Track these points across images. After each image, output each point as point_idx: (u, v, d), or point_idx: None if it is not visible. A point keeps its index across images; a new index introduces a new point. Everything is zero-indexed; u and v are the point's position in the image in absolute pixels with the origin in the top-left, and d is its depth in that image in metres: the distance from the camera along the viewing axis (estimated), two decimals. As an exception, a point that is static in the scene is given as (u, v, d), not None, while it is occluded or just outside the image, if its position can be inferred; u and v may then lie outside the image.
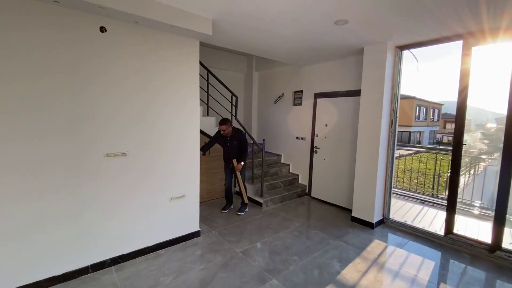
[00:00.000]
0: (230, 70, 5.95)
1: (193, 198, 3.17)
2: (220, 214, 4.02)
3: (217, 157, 4.54)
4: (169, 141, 2.89)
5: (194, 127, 3.08)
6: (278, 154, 5.64)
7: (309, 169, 4.93)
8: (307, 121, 4.93)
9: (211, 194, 4.65)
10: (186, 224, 3.16)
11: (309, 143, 4.89)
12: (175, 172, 2.98)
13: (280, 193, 4.65)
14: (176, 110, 2.91)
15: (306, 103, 4.94)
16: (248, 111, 6.23)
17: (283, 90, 5.42)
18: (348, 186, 4.23)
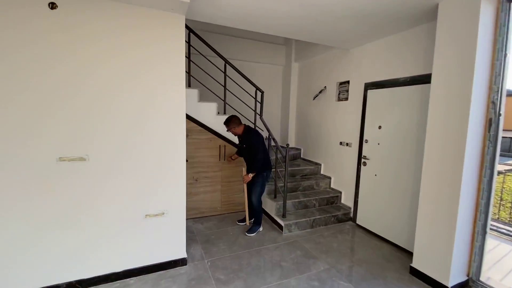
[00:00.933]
0: (268, 63, 5.15)
1: (177, 216, 2.51)
2: (227, 235, 3.25)
3: (238, 164, 3.79)
4: (145, 144, 2.29)
5: (178, 127, 2.41)
6: (317, 163, 4.51)
7: (355, 187, 3.67)
8: (353, 122, 3.69)
9: (227, 206, 3.93)
10: (167, 249, 2.51)
11: (355, 151, 3.64)
12: (152, 183, 2.36)
13: (312, 215, 3.57)
14: (153, 105, 2.29)
15: (354, 98, 3.70)
16: (285, 111, 5.28)
17: (325, 82, 4.28)
18: (410, 217, 2.85)
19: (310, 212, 3.64)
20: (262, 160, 3.09)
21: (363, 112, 3.51)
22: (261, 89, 3.98)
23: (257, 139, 3.14)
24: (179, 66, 2.35)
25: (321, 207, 3.84)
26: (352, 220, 3.75)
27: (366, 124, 3.47)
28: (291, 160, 4.76)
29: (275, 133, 5.46)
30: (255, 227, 3.28)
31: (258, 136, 3.18)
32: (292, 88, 5.08)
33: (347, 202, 3.88)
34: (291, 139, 5.20)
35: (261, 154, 3.08)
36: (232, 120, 3.13)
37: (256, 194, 3.22)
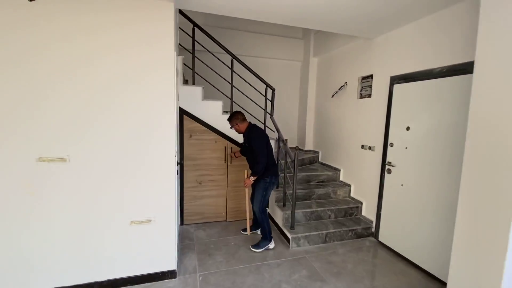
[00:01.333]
0: (285, 59, 4.80)
1: (165, 224, 2.29)
2: (228, 245, 2.96)
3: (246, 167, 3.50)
4: (128, 143, 2.11)
5: (167, 126, 2.19)
6: (335, 168, 4.04)
7: (378, 197, 3.15)
8: (377, 122, 3.18)
9: (234, 213, 3.66)
10: (155, 259, 2.30)
11: (379, 156, 3.13)
12: (137, 187, 2.17)
13: (325, 227, 3.13)
14: (137, 102, 2.10)
15: (377, 94, 3.20)
16: (303, 110, 4.86)
17: (346, 77, 3.80)
18: (444, 239, 2.30)
19: (323, 225, 3.20)
20: (265, 163, 2.73)
21: (388, 110, 2.99)
22: (271, 86, 3.65)
23: (260, 138, 2.79)
24: (166, 51, 2.12)
25: (337, 219, 3.38)
26: (374, 236, 3.23)
27: (392, 125, 2.95)
28: (307, 164, 4.35)
29: (292, 134, 5.07)
30: (263, 242, 2.89)
31: (261, 135, 2.84)
32: (310, 85, 4.65)
33: (369, 215, 3.37)
34: (309, 141, 4.77)
35: (262, 157, 2.71)
36: (235, 116, 2.82)
37: (257, 202, 2.88)
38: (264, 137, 2.85)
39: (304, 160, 4.26)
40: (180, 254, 2.76)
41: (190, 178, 3.38)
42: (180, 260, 2.64)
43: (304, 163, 4.27)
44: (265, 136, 2.88)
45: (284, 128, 4.90)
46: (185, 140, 3.29)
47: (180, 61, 3.17)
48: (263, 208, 2.92)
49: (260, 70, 4.53)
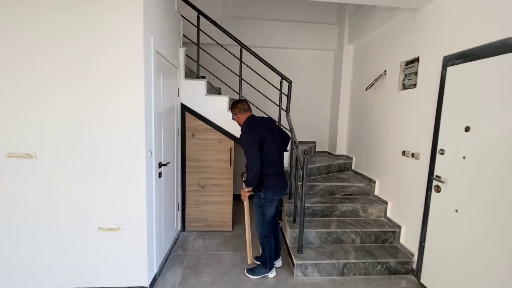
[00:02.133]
0: (314, 49, 4.18)
1: (136, 234, 2.00)
2: (222, 262, 2.55)
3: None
4: (97, 142, 1.89)
5: (137, 123, 1.90)
6: (370, 178, 3.23)
7: (422, 223, 2.31)
8: (423, 120, 2.35)
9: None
10: (126, 273, 2.04)
11: (425, 166, 2.29)
12: (105, 190, 1.94)
13: (344, 255, 2.44)
14: (104, 96, 1.86)
15: (424, 83, 2.36)
16: (335, 109, 4.12)
17: (385, 64, 2.99)
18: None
19: (343, 251, 2.51)
20: (257, 171, 2.10)
21: (438, 103, 2.15)
22: (287, 78, 3.09)
23: (249, 136, 2.08)
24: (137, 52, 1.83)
25: (364, 246, 2.62)
26: (414, 275, 2.38)
27: (443, 124, 2.10)
28: (336, 172, 3.63)
29: (322, 137, 4.38)
30: (260, 269, 2.35)
31: (252, 132, 2.10)
32: (345, 78, 3.90)
33: (409, 245, 2.52)
34: (341, 145, 4.01)
35: (251, 162, 2.08)
36: (235, 105, 2.28)
37: (256, 223, 2.31)
38: (257, 135, 2.09)
39: (332, 167, 3.55)
40: (166, 266, 2.47)
41: (192, 181, 3.08)
42: (163, 275, 2.33)
43: (332, 170, 3.56)
44: (259, 133, 2.10)
45: (313, 130, 4.30)
46: (187, 140, 3.01)
47: (182, 53, 2.91)
48: (266, 232, 2.28)
49: (285, 63, 4.04)
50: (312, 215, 2.85)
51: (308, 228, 2.62)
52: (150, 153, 2.02)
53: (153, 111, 2.06)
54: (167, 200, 2.55)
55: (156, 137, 2.17)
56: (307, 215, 2.83)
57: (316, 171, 3.39)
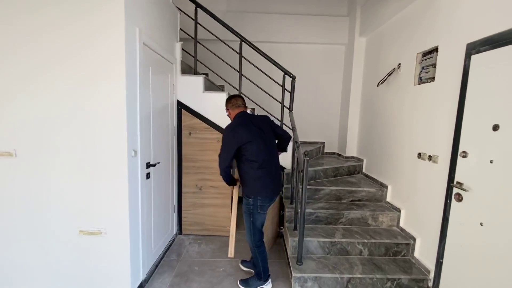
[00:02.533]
0: (324, 43, 3.92)
1: (118, 239, 1.87)
2: (215, 270, 2.37)
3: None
4: (79, 141, 1.77)
5: (119, 121, 1.76)
6: (382, 183, 2.93)
7: (440, 235, 2.01)
8: (442, 118, 2.05)
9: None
10: (108, 279, 1.91)
11: (444, 171, 1.99)
12: (87, 191, 1.82)
13: (350, 269, 2.19)
14: (85, 93, 1.74)
15: (444, 75, 2.06)
16: (345, 107, 3.84)
17: (400, 57, 2.70)
18: None
19: (348, 264, 2.25)
20: (224, 169, 1.95)
21: (461, 98, 1.85)
22: (291, 74, 2.87)
23: (230, 131, 1.91)
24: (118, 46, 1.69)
25: (373, 258, 2.35)
26: (431, 296, 2.09)
27: (466, 122, 1.80)
28: (345, 175, 3.35)
29: (332, 137, 4.11)
30: (255, 281, 2.13)
31: (235, 126, 1.93)
32: (356, 74, 3.61)
33: (425, 259, 2.22)
34: (351, 146, 3.72)
35: (221, 158, 1.92)
36: (229, 100, 2.10)
37: (246, 230, 2.10)
38: (241, 133, 1.88)
39: (340, 169, 3.28)
40: (157, 272, 2.33)
41: (189, 182, 2.94)
42: (151, 282, 2.19)
43: (340, 173, 3.29)
44: (244, 131, 1.88)
45: (322, 130, 4.05)
46: (183, 139, 2.87)
47: (178, 48, 2.77)
48: (257, 241, 2.06)
49: (291, 59, 3.83)
50: (315, 222, 2.61)
51: (309, 236, 2.38)
52: (134, 152, 1.88)
53: (139, 107, 1.92)
54: (158, 202, 2.42)
55: (143, 136, 2.03)
56: (309, 222, 2.60)
57: (322, 174, 3.14)
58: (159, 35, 2.33)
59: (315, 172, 3.07)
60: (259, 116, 2.12)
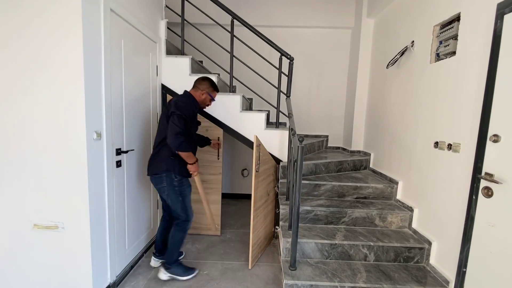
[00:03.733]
0: (330, 26, 3.59)
1: (79, 234, 1.60)
2: (201, 273, 2.08)
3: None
4: (31, 120, 1.52)
5: (75, 95, 1.50)
6: (391, 179, 2.58)
7: (462, 238, 1.66)
8: (466, 98, 1.70)
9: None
10: (68, 280, 1.65)
11: (468, 160, 1.64)
12: (42, 178, 1.56)
13: (352, 277, 1.85)
14: (40, 67, 1.49)
15: (468, 47, 1.71)
16: (351, 97, 3.49)
17: (412, 33, 2.35)
18: None
19: (350, 270, 1.92)
20: None
21: (490, 72, 1.50)
22: (288, 55, 2.56)
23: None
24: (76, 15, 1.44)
25: (380, 264, 2.00)
26: (451, 313, 1.73)
27: (498, 100, 1.45)
28: (349, 170, 3.01)
29: (337, 130, 3.77)
30: (173, 266, 2.01)
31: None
32: (362, 59, 3.26)
33: (444, 267, 1.86)
34: (358, 139, 3.37)
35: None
36: (197, 80, 2.05)
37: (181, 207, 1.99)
38: None
39: (344, 164, 2.94)
40: (131, 274, 2.06)
41: (175, 175, 2.66)
42: (122, 286, 1.92)
43: (344, 168, 2.95)
44: None
45: (325, 122, 3.74)
46: (169, 127, 2.60)
47: (163, 26, 2.51)
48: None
49: (292, 44, 3.54)
50: (314, 222, 2.28)
51: (306, 237, 2.06)
52: (96, 134, 1.61)
53: (104, 83, 1.66)
54: (135, 196, 2.15)
55: (112, 118, 1.77)
56: (307, 221, 2.28)
57: (323, 168, 2.81)
58: (138, 8, 2.08)
59: (315, 165, 2.74)
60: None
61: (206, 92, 2.00)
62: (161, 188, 1.93)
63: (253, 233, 2.13)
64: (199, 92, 1.99)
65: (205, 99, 2.02)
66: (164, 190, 1.92)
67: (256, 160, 2.10)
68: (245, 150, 3.77)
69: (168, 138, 1.76)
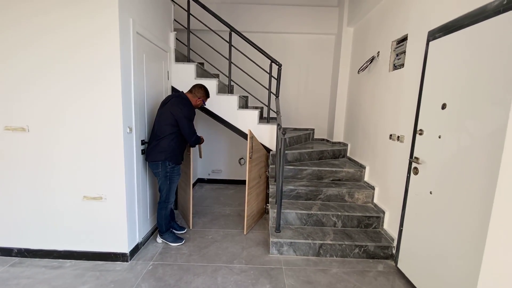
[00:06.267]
0: (316, 32, 4.07)
1: (116, 204, 2.16)
2: (206, 236, 2.66)
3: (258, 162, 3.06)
4: (84, 120, 2.06)
5: (115, 101, 2.03)
6: (361, 164, 3.14)
7: (402, 207, 2.23)
8: (408, 100, 2.24)
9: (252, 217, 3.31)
10: (108, 239, 2.22)
11: (407, 148, 2.20)
12: (88, 160, 2.11)
13: (322, 237, 2.44)
14: (87, 81, 2.01)
15: (411, 61, 2.24)
16: (334, 94, 4.02)
17: (378, 45, 2.87)
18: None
19: (322, 233, 2.50)
20: None
21: (421, 81, 2.04)
22: (277, 61, 3.08)
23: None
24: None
25: (345, 229, 2.59)
26: (393, 260, 2.33)
27: (424, 103, 2.00)
28: (329, 158, 3.57)
29: (322, 124, 4.31)
30: (164, 233, 2.53)
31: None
32: (343, 62, 3.78)
33: (391, 230, 2.45)
34: (338, 132, 3.92)
35: None
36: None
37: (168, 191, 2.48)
38: None
39: (325, 153, 3.50)
40: (152, 238, 2.63)
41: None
42: (146, 245, 2.50)
43: (324, 156, 3.51)
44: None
45: (312, 117, 4.27)
46: (178, 122, 3.13)
47: (173, 37, 3.01)
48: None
49: (282, 49, 4.03)
50: (296, 198, 2.86)
51: (289, 209, 2.64)
52: (129, 129, 2.15)
53: (133, 89, 2.19)
54: (153, 177, 2.70)
55: (138, 116, 2.30)
56: (290, 198, 2.85)
57: (307, 156, 3.37)
58: (154, 26, 2.57)
59: (300, 154, 3.30)
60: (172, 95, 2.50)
61: (201, 99, 2.52)
62: (156, 173, 2.40)
63: (247, 206, 2.70)
64: (196, 98, 2.49)
65: (199, 104, 2.55)
66: (158, 174, 2.39)
67: (250, 149, 2.65)
68: (242, 142, 4.31)
69: (188, 140, 2.42)
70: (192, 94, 2.50)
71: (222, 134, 4.30)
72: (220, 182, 4.52)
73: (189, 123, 2.35)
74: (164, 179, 2.39)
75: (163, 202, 2.46)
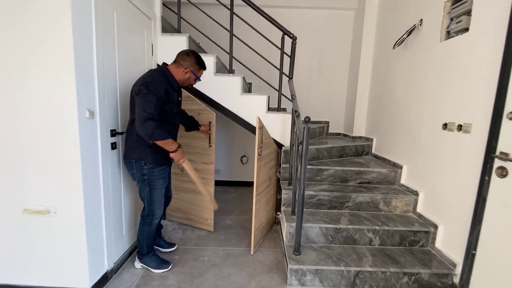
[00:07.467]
0: (334, 7, 3.44)
1: (71, 218, 1.51)
2: (199, 260, 2.02)
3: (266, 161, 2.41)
4: (25, 99, 1.40)
5: (66, 73, 1.38)
6: (395, 163, 2.53)
7: (472, 221, 1.62)
8: (478, 76, 1.63)
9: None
10: (60, 269, 1.56)
11: (480, 140, 1.58)
12: (28, 158, 1.45)
13: (358, 261, 1.81)
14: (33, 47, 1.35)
15: (482, 22, 1.63)
16: (353, 82, 3.40)
17: (421, 11, 2.25)
18: None
19: (356, 254, 1.88)
20: None
21: (507, 47, 1.42)
22: (291, 33, 2.44)
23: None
24: None
25: (385, 249, 1.97)
26: (458, 295, 1.71)
27: (516, 73, 1.38)
28: (352, 156, 2.95)
29: (338, 117, 3.69)
30: (144, 256, 1.87)
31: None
32: (366, 41, 3.15)
33: (450, 250, 1.83)
34: (359, 125, 3.30)
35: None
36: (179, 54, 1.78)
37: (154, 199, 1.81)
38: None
39: (346, 149, 2.88)
40: (129, 261, 1.99)
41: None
42: (120, 273, 1.85)
43: (346, 153, 2.89)
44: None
45: (327, 108, 3.68)
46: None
47: (158, 1, 2.36)
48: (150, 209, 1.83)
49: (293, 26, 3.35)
50: (317, 207, 2.23)
51: (310, 222, 2.01)
52: (89, 112, 1.50)
53: (96, 58, 1.53)
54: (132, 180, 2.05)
55: (106, 98, 1.65)
56: (310, 206, 2.22)
57: (326, 153, 2.75)
58: (130, -23, 1.92)
59: (317, 150, 2.68)
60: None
61: (190, 70, 1.72)
62: (132, 174, 1.76)
63: (255, 217, 2.07)
64: (181, 70, 1.71)
65: (189, 78, 1.75)
66: (135, 177, 1.75)
67: (259, 143, 2.02)
68: (244, 136, 3.67)
69: (137, 126, 1.50)
70: (176, 64, 1.73)
71: (221, 127, 3.64)
72: (218, 184, 3.85)
73: (145, 102, 1.49)
74: (142, 183, 1.75)
75: (146, 216, 1.82)
